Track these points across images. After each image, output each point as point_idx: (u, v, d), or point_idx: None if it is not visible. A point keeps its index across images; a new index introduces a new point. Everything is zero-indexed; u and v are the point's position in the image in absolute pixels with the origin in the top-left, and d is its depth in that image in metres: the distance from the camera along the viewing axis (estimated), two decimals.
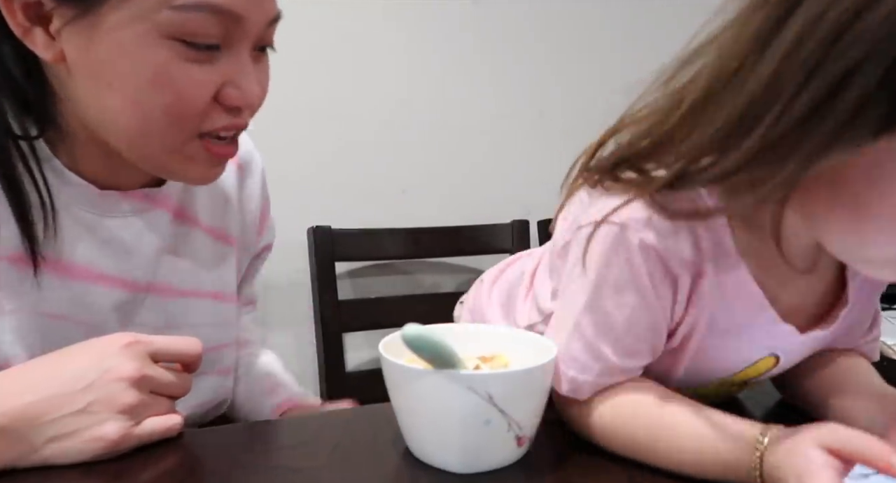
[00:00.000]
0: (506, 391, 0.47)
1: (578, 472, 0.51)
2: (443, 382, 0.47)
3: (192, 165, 0.59)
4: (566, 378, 0.54)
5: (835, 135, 0.36)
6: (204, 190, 0.73)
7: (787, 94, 0.36)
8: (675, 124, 0.44)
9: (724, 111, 0.40)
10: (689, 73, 0.45)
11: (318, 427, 0.61)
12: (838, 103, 0.34)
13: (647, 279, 0.50)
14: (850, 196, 0.41)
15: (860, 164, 0.38)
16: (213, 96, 0.55)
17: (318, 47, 1.56)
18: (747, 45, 0.39)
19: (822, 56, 0.34)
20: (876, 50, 0.32)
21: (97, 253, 0.63)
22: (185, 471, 0.52)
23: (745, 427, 0.47)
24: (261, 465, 0.52)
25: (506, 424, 0.48)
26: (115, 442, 0.50)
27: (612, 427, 0.52)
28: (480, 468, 0.50)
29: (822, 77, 0.34)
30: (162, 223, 0.67)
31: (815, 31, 0.34)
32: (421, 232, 1.56)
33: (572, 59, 1.80)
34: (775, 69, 0.36)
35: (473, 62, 1.71)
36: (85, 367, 0.51)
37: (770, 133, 0.37)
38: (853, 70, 0.33)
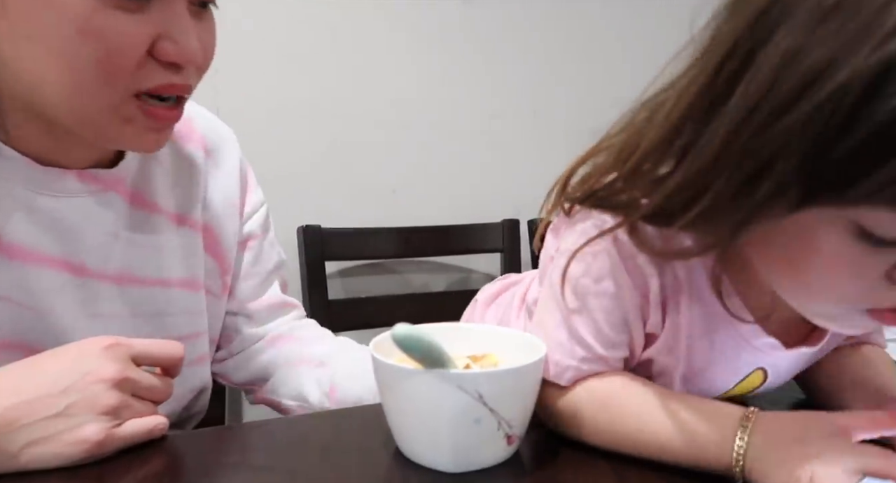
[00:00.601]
0: (495, 390, 0.47)
1: (567, 470, 0.51)
2: (433, 381, 0.47)
3: (131, 129, 0.56)
4: (551, 361, 0.55)
5: (760, 208, 0.42)
6: (164, 174, 0.70)
7: (727, 170, 0.42)
8: (629, 171, 0.50)
9: (675, 173, 0.46)
10: (643, 116, 0.50)
11: (307, 428, 0.61)
12: (763, 183, 0.40)
13: (623, 270, 0.53)
14: (785, 259, 0.46)
15: (787, 231, 0.44)
16: (148, 50, 0.53)
17: (309, 46, 1.55)
18: (691, 112, 0.45)
19: (752, 145, 0.40)
20: (791, 144, 0.39)
21: (38, 233, 0.60)
22: (171, 473, 0.51)
23: (724, 411, 0.48)
24: (249, 467, 0.52)
25: (496, 423, 0.48)
26: (97, 443, 0.49)
27: (590, 412, 0.53)
28: (470, 467, 0.50)
29: (753, 161, 0.40)
30: (115, 207, 0.65)
31: (748, 122, 0.40)
32: (411, 231, 1.56)
33: (564, 59, 1.80)
34: (718, 148, 0.42)
35: (465, 62, 1.71)
36: (63, 369, 0.50)
37: (710, 202, 0.43)
38: (775, 158, 0.39)
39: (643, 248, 0.51)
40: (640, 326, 0.55)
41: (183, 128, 0.73)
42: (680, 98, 0.46)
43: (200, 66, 0.59)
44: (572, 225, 0.56)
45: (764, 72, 0.40)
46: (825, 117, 0.37)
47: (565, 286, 0.55)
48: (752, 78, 0.41)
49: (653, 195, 0.48)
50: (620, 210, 0.52)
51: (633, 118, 0.51)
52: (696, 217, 0.44)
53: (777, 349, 0.56)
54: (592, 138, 0.56)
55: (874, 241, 0.41)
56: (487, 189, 1.74)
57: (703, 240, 0.47)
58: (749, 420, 0.47)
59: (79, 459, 0.49)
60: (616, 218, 0.52)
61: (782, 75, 0.39)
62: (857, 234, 0.41)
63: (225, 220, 0.76)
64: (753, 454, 0.46)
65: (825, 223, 0.42)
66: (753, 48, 0.42)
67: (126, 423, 0.52)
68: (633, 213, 0.50)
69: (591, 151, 0.55)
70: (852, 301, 0.45)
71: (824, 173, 0.39)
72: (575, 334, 0.55)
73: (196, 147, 0.74)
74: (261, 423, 0.67)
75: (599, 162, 0.54)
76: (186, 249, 0.72)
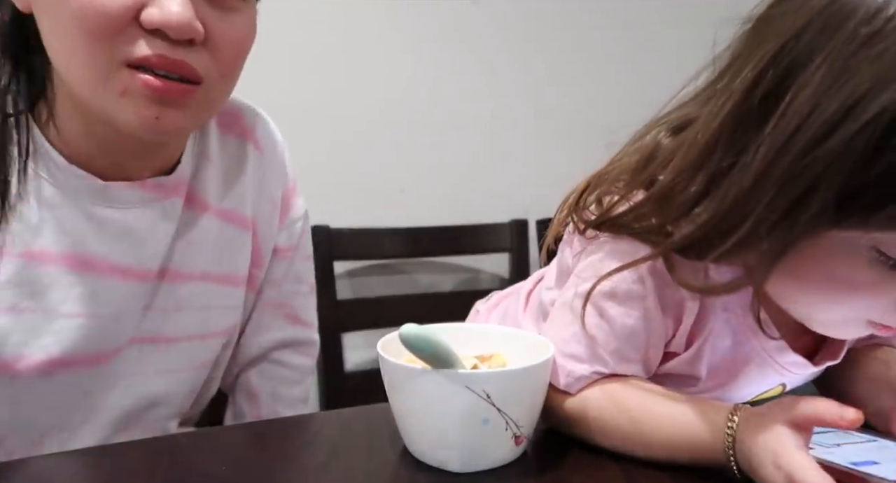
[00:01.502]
0: (503, 390, 0.47)
1: (576, 470, 0.51)
2: (441, 381, 0.47)
3: (130, 102, 0.54)
4: (563, 372, 0.55)
5: (803, 232, 0.43)
6: (214, 171, 0.71)
7: (767, 197, 0.42)
8: (656, 199, 0.50)
9: (706, 206, 0.46)
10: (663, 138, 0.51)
11: (317, 427, 0.61)
12: (806, 210, 0.41)
13: (654, 298, 0.53)
14: (796, 278, 0.47)
15: (804, 254, 0.45)
16: (135, 18, 0.52)
17: (316, 46, 1.55)
18: (721, 136, 0.46)
19: (794, 171, 0.41)
20: (831, 170, 0.40)
21: (109, 245, 0.62)
22: (181, 472, 0.51)
23: (717, 408, 0.48)
24: (259, 466, 0.52)
25: (504, 423, 0.48)
26: None
27: (595, 413, 0.53)
28: (478, 467, 0.50)
29: (795, 187, 0.41)
30: (175, 210, 0.67)
31: (788, 149, 0.41)
32: (419, 231, 1.56)
33: (571, 59, 1.80)
34: (757, 176, 0.43)
35: (472, 62, 1.71)
36: None
37: (750, 230, 0.44)
38: (818, 183, 0.40)
39: (681, 282, 0.51)
40: (661, 347, 0.55)
41: (236, 123, 0.74)
42: (709, 122, 0.47)
43: (216, 57, 0.56)
44: (600, 244, 0.55)
45: (802, 99, 0.41)
46: (861, 143, 0.38)
47: (588, 303, 0.54)
48: (790, 104, 0.41)
49: (682, 223, 0.48)
50: (648, 238, 0.51)
51: (649, 137, 0.52)
52: (734, 247, 0.45)
53: (804, 368, 0.56)
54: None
55: (891, 263, 0.43)
56: (496, 189, 1.74)
57: (747, 270, 0.47)
58: (738, 409, 0.47)
59: None
60: (645, 244, 0.52)
61: (822, 102, 0.40)
62: (878, 258, 0.43)
63: (271, 216, 0.77)
64: (740, 445, 0.45)
65: (844, 246, 0.43)
66: (787, 74, 0.42)
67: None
68: (662, 241, 0.50)
69: (606, 168, 0.55)
70: (861, 315, 0.47)
71: (856, 198, 0.40)
72: (592, 350, 0.54)
73: (252, 147, 0.75)
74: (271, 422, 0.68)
75: (615, 182, 0.54)
76: (233, 246, 0.73)
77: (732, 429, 0.46)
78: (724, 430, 0.46)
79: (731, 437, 0.45)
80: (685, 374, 0.57)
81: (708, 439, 0.47)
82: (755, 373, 0.56)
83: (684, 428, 0.49)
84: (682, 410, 0.49)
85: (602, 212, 0.54)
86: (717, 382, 0.57)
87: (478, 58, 1.71)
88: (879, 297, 0.45)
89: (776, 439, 0.42)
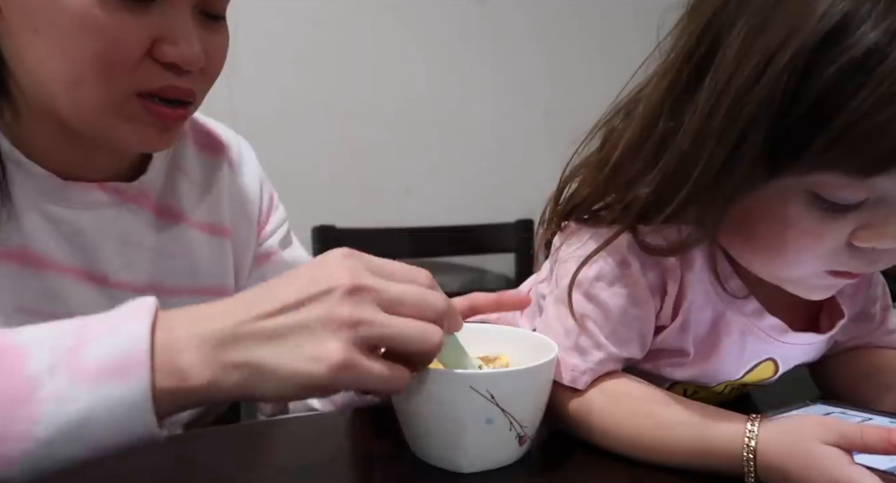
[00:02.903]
0: (508, 390, 0.47)
1: (579, 470, 0.51)
2: (445, 382, 0.47)
3: (135, 126, 0.56)
4: (566, 366, 0.55)
5: (740, 185, 0.45)
6: (191, 185, 0.71)
7: (706, 155, 0.45)
8: (608, 176, 0.53)
9: (655, 171, 0.49)
10: (617, 123, 0.54)
11: (320, 428, 0.61)
12: (740, 160, 0.44)
13: (640, 272, 0.54)
14: (752, 234, 0.50)
15: (753, 208, 0.48)
16: (148, 52, 0.54)
17: (322, 46, 1.56)
18: (662, 106, 0.49)
19: (727, 122, 0.44)
20: (759, 118, 0.43)
21: (61, 245, 0.61)
22: (183, 471, 0.51)
23: (730, 416, 0.48)
24: (262, 467, 0.52)
25: (507, 424, 0.48)
26: (340, 364, 0.41)
27: (602, 415, 0.53)
28: (482, 467, 0.50)
29: (729, 140, 0.44)
30: (136, 219, 0.65)
31: (721, 103, 0.44)
32: (425, 231, 1.56)
33: (577, 58, 1.79)
34: (695, 134, 0.46)
35: (478, 61, 1.71)
36: (301, 281, 0.44)
37: (693, 187, 0.46)
38: (747, 133, 0.43)
39: (646, 249, 0.53)
40: (653, 321, 0.56)
41: (212, 142, 0.75)
42: (650, 97, 0.50)
43: (206, 74, 0.59)
44: (579, 235, 0.57)
45: (728, 58, 0.45)
46: (778, 94, 0.42)
47: (575, 291, 0.55)
48: (718, 65, 0.45)
49: (637, 194, 0.50)
50: (615, 217, 0.53)
51: (611, 126, 0.55)
52: (683, 205, 0.47)
53: (782, 332, 0.56)
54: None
55: (829, 206, 0.45)
56: (501, 189, 1.74)
57: (696, 226, 0.50)
58: (756, 417, 0.47)
59: (312, 379, 0.41)
60: (615, 223, 0.53)
61: (745, 56, 0.43)
62: (814, 202, 0.45)
63: (248, 226, 0.77)
64: (765, 445, 0.45)
65: (786, 195, 0.46)
66: (714, 42, 0.46)
67: (373, 359, 0.43)
68: (627, 215, 0.52)
69: (577, 165, 0.57)
70: (816, 265, 0.49)
71: (784, 140, 0.43)
72: (590, 337, 0.55)
73: (223, 160, 0.75)
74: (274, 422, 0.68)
75: (586, 174, 0.57)
76: (217, 257, 0.72)
77: (752, 439, 0.46)
78: (743, 439, 0.46)
79: (751, 447, 0.45)
80: (674, 348, 0.57)
81: (721, 448, 0.47)
82: (737, 342, 0.56)
83: (695, 435, 0.49)
84: (691, 417, 0.49)
85: (567, 200, 0.58)
86: (705, 355, 0.57)
87: (484, 57, 1.71)
88: (823, 241, 0.47)
89: (823, 457, 0.43)
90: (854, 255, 0.47)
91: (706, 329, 0.56)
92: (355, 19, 1.57)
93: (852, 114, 0.40)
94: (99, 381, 0.40)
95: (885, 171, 0.42)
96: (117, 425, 0.40)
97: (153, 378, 0.40)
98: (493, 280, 1.76)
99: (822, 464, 0.42)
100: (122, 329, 0.42)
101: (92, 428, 0.40)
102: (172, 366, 0.41)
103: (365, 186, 1.61)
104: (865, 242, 0.46)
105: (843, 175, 0.43)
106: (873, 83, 0.39)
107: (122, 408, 0.40)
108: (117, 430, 0.40)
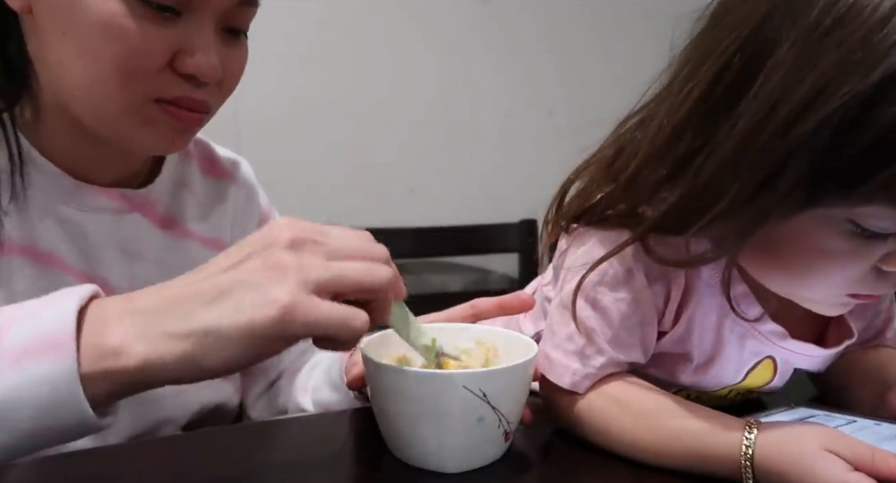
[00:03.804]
0: (499, 388, 0.47)
1: (560, 461, 0.52)
2: (437, 383, 0.47)
3: (151, 129, 0.58)
4: (567, 371, 0.55)
5: (773, 210, 0.45)
6: (196, 202, 0.72)
7: (745, 172, 0.44)
8: (625, 185, 0.52)
9: (679, 185, 0.48)
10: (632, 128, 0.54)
11: (320, 428, 0.61)
12: (778, 186, 0.43)
13: (643, 278, 0.54)
14: (777, 256, 0.50)
15: (783, 231, 0.47)
16: (169, 62, 0.55)
17: (326, 46, 1.56)
18: (690, 120, 0.48)
19: (773, 143, 0.43)
20: (804, 149, 0.42)
21: (65, 245, 0.62)
22: (183, 471, 0.51)
23: (729, 421, 0.49)
24: (262, 466, 0.52)
25: (497, 421, 0.48)
26: (286, 307, 0.39)
27: (603, 417, 0.53)
28: (470, 466, 0.50)
29: (770, 164, 0.43)
30: (139, 228, 0.66)
31: (767, 123, 0.43)
32: (429, 231, 1.55)
33: (582, 59, 1.79)
34: (734, 152, 0.45)
35: (483, 61, 1.70)
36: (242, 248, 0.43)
37: (727, 206, 0.45)
38: (790, 162, 0.42)
39: (659, 260, 0.52)
40: (655, 326, 0.56)
41: (215, 164, 0.77)
42: (677, 107, 0.49)
43: (221, 88, 0.61)
44: (582, 239, 0.57)
45: (774, 81, 0.43)
46: (834, 125, 0.41)
47: (579, 296, 0.55)
48: (762, 86, 0.44)
49: (656, 203, 0.50)
50: (625, 223, 0.53)
51: (622, 131, 0.54)
52: (712, 221, 0.46)
53: (781, 338, 0.56)
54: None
55: (870, 235, 0.45)
56: (505, 189, 1.74)
57: (718, 243, 0.49)
58: (754, 424, 0.47)
59: (264, 328, 0.39)
60: (623, 230, 0.53)
61: (792, 85, 0.42)
62: (851, 231, 0.45)
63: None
64: (762, 447, 0.45)
65: (825, 223, 0.46)
66: (755, 59, 0.44)
67: (322, 302, 0.41)
68: (638, 224, 0.52)
69: (581, 168, 0.57)
70: (842, 289, 0.49)
71: (832, 177, 0.42)
72: (592, 343, 0.55)
73: (225, 181, 0.77)
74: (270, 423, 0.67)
75: (592, 176, 0.56)
76: None
77: (749, 447, 0.46)
78: (741, 445, 0.46)
79: (748, 455, 0.46)
80: (677, 352, 0.57)
81: (722, 453, 0.47)
82: (737, 345, 0.57)
83: (694, 441, 0.49)
84: (691, 422, 0.50)
85: (577, 204, 0.57)
86: (708, 360, 0.57)
87: (488, 57, 1.71)
88: (855, 266, 0.47)
89: (823, 463, 0.43)
90: (879, 279, 0.48)
91: (708, 334, 0.56)
92: (360, 19, 1.57)
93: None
94: (22, 361, 0.38)
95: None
96: (43, 407, 0.38)
97: (79, 357, 0.38)
98: (497, 280, 1.75)
99: (823, 469, 0.43)
100: (48, 310, 0.40)
101: (16, 409, 0.38)
102: (102, 344, 0.39)
103: (369, 186, 1.61)
104: (894, 267, 0.46)
105: (890, 207, 0.43)
106: None
107: (47, 387, 0.38)
108: (45, 413, 0.38)
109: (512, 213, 1.66)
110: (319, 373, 0.74)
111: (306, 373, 0.77)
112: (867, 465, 0.43)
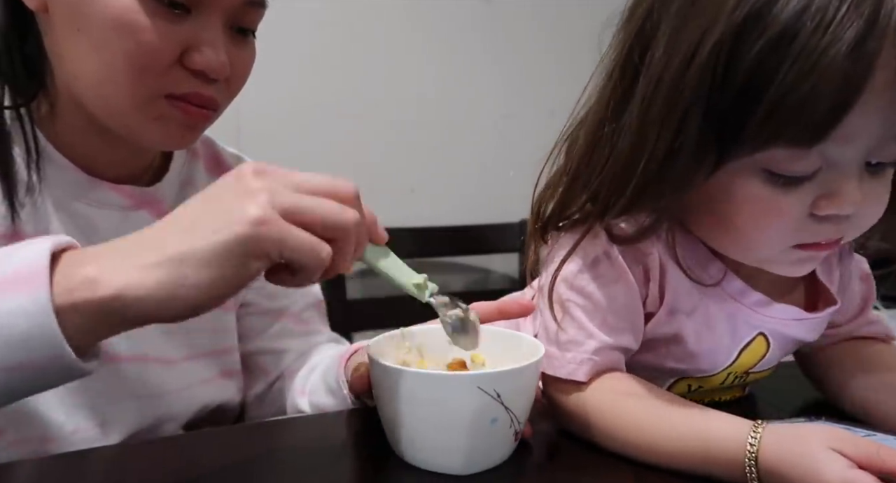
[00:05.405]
0: (512, 388, 0.47)
1: (566, 462, 0.52)
2: (451, 384, 0.47)
3: (162, 125, 0.59)
4: (564, 361, 0.55)
5: (686, 173, 0.48)
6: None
7: (649, 147, 0.48)
8: (569, 183, 0.57)
9: (606, 168, 0.52)
10: (576, 136, 0.58)
11: (320, 428, 0.61)
12: (681, 149, 0.46)
13: (619, 259, 0.56)
14: (715, 218, 0.52)
15: (711, 192, 0.50)
16: (179, 58, 0.57)
17: (327, 45, 1.56)
18: (606, 111, 0.53)
19: (665, 112, 0.47)
20: (692, 108, 0.45)
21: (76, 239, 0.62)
22: (184, 471, 0.51)
23: (732, 421, 0.49)
24: (263, 466, 0.52)
25: (508, 421, 0.48)
26: (258, 219, 0.39)
27: (601, 415, 0.53)
28: (480, 468, 0.49)
29: (667, 131, 0.47)
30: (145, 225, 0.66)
31: (656, 96, 0.47)
32: (429, 231, 1.55)
33: (583, 59, 1.79)
34: (637, 128, 0.49)
35: (483, 61, 1.70)
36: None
37: (641, 178, 0.49)
38: (684, 122, 0.46)
39: (617, 238, 0.55)
40: (640, 307, 0.57)
41: (220, 163, 0.77)
42: (596, 105, 0.55)
43: (229, 85, 0.62)
44: (558, 241, 0.59)
45: (658, 56, 0.48)
46: (711, 70, 0.44)
47: (562, 286, 0.56)
48: (650, 63, 0.48)
49: (596, 192, 0.53)
50: (585, 214, 0.56)
51: (571, 139, 0.59)
52: (636, 195, 0.50)
53: (766, 305, 0.57)
54: None
55: (784, 180, 0.47)
56: (505, 189, 1.73)
57: (652, 214, 0.52)
58: (760, 424, 0.47)
59: (238, 244, 0.40)
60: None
61: (672, 50, 0.47)
62: (770, 178, 0.47)
63: None
64: (767, 446, 0.45)
65: (739, 176, 0.48)
66: (644, 46, 0.50)
67: (292, 227, 0.41)
68: (593, 213, 0.55)
69: (550, 181, 0.60)
70: (783, 241, 0.50)
71: (727, 126, 0.45)
72: (582, 328, 0.56)
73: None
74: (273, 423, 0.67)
75: (552, 182, 0.60)
76: None
77: (755, 444, 0.46)
78: (746, 444, 0.46)
79: (753, 453, 0.46)
80: (669, 335, 0.58)
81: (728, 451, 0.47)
82: (727, 323, 0.58)
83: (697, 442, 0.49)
84: (694, 423, 0.50)
85: (541, 213, 0.60)
86: (701, 340, 0.58)
87: (489, 57, 1.71)
88: (787, 215, 0.48)
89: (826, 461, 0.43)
90: (818, 226, 0.49)
91: (695, 312, 0.57)
92: (362, 19, 1.57)
93: (779, 88, 0.42)
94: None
95: (824, 139, 0.43)
96: (19, 340, 0.38)
97: (52, 289, 0.39)
98: (498, 280, 1.75)
99: (825, 467, 0.43)
100: (23, 250, 0.41)
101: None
102: (77, 276, 0.39)
103: (369, 186, 1.59)
104: (825, 210, 0.47)
105: (787, 148, 0.44)
106: (791, 58, 0.41)
107: (22, 318, 0.38)
108: (21, 345, 0.39)
109: (512, 213, 1.66)
110: (316, 376, 0.74)
111: (304, 375, 0.78)
112: (873, 461, 0.42)
